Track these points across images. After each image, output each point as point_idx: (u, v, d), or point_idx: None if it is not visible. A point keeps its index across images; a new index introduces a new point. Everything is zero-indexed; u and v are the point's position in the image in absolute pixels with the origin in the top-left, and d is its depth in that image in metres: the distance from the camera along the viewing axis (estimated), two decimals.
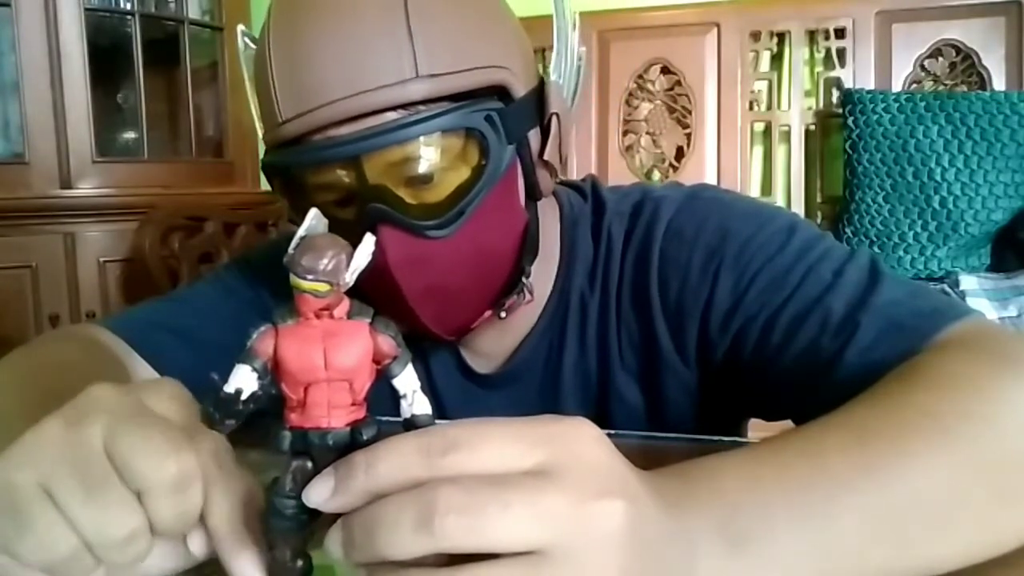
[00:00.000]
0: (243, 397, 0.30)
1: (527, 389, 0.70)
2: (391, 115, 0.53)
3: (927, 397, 0.43)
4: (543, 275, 0.67)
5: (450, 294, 0.58)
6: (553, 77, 0.62)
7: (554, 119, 0.60)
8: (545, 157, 0.60)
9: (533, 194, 0.62)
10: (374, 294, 0.54)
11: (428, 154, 0.55)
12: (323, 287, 0.29)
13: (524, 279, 0.64)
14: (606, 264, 0.67)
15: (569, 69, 0.64)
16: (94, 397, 0.34)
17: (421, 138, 0.54)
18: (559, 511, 0.28)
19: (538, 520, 0.28)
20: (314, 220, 0.31)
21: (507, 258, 0.62)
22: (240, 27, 0.64)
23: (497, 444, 0.29)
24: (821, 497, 0.36)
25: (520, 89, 0.58)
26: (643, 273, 0.65)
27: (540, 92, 0.60)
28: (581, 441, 0.31)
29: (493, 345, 0.70)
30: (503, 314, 0.64)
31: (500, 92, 0.57)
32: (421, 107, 0.54)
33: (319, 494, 0.29)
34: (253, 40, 0.63)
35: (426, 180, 0.55)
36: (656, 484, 0.33)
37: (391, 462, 0.29)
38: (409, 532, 0.27)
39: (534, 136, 0.60)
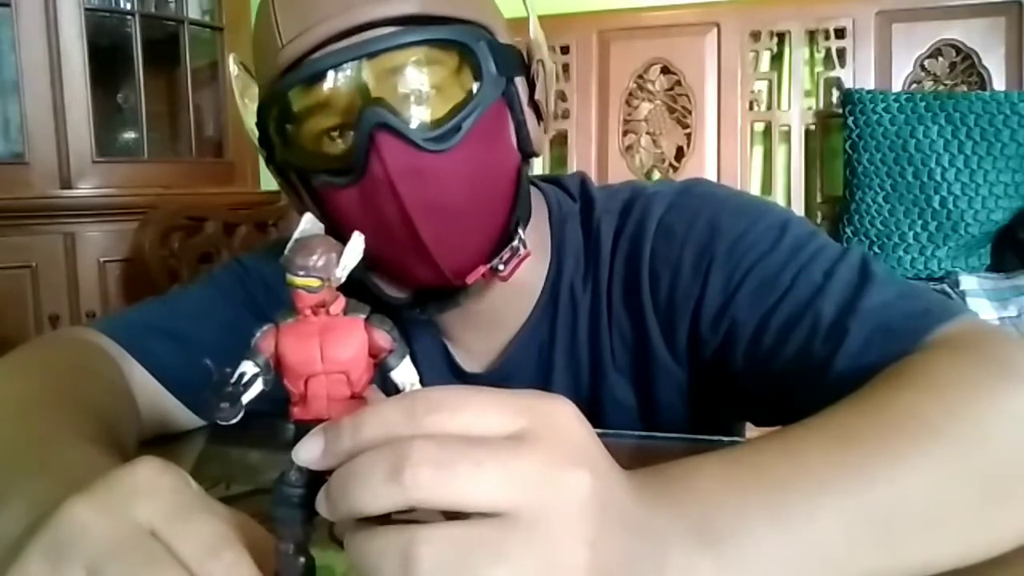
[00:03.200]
0: (243, 382, 0.31)
1: (518, 389, 0.69)
2: (387, 30, 0.55)
3: (913, 398, 0.42)
4: (533, 272, 0.67)
5: (450, 215, 0.58)
6: (532, 35, 0.63)
7: (540, 66, 0.62)
8: (536, 98, 0.62)
9: (524, 147, 0.62)
10: (379, 230, 0.54)
11: (423, 66, 0.56)
12: (315, 282, 0.31)
13: (520, 230, 0.63)
14: (596, 262, 0.67)
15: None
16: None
17: (416, 48, 0.56)
18: (530, 475, 0.28)
19: (508, 481, 0.28)
20: (308, 224, 0.33)
21: (502, 194, 0.61)
22: (232, 55, 0.67)
23: (478, 409, 0.30)
24: (801, 497, 0.35)
25: (504, 39, 0.60)
26: (634, 271, 0.65)
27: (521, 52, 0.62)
28: (559, 415, 0.31)
29: (483, 342, 0.70)
30: (501, 267, 0.62)
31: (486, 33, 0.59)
32: (414, 26, 0.56)
33: (309, 453, 0.30)
34: (245, 68, 0.67)
35: (422, 95, 0.56)
36: (635, 481, 0.33)
37: (376, 422, 0.29)
38: (381, 483, 0.27)
39: (521, 84, 0.61)
